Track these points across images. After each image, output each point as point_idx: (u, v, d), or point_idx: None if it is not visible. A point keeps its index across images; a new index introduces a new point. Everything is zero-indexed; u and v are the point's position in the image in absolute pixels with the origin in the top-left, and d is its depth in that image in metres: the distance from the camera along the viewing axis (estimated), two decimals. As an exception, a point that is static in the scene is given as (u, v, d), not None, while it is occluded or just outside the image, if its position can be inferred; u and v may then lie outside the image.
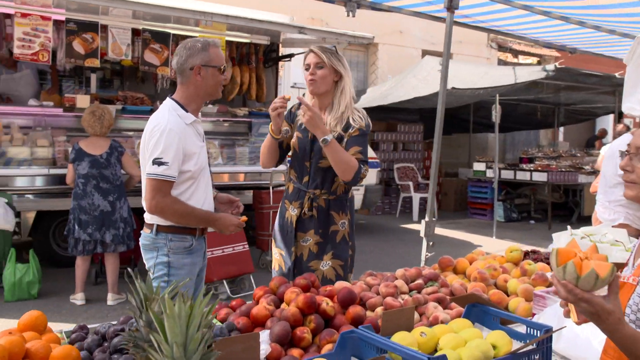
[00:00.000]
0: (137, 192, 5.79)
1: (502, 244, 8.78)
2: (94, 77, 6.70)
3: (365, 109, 3.06)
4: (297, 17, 7.94)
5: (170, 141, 2.48)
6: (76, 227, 5.25)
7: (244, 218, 2.72)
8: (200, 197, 2.63)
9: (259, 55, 7.29)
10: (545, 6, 4.89)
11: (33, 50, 5.59)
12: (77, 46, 5.86)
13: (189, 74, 2.59)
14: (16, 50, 5.53)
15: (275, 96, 7.29)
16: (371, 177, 9.36)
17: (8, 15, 5.71)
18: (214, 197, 2.80)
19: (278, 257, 3.02)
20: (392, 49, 13.92)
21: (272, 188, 6.60)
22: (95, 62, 5.96)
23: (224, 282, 5.51)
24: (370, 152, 9.35)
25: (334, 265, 2.90)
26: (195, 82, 2.59)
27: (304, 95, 2.99)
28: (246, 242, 5.72)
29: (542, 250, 3.04)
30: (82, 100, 6.04)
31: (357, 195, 9.19)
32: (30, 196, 5.92)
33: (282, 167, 6.87)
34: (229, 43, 6.93)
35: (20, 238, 6.32)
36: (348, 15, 4.46)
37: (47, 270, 6.07)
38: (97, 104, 5.53)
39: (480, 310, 1.91)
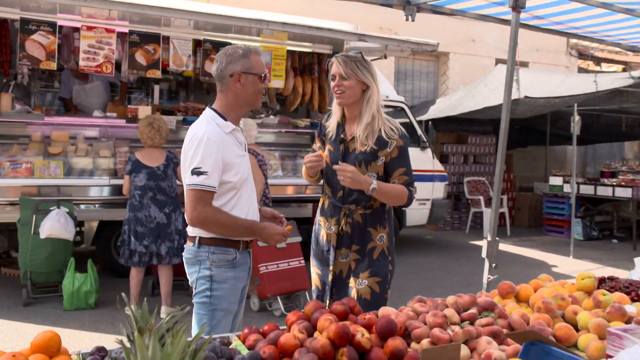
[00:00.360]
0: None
1: (580, 265, 8.20)
2: (157, 89, 6.80)
3: (433, 120, 2.88)
4: (365, 27, 7.79)
5: (208, 150, 2.41)
6: (132, 238, 5.26)
7: (289, 227, 2.64)
8: (243, 208, 2.55)
9: (321, 65, 7.16)
10: (627, 3, 4.45)
11: (97, 62, 5.72)
12: (140, 57, 5.94)
13: (228, 81, 2.53)
14: (81, 62, 5.68)
15: (337, 106, 7.13)
16: (439, 190, 9.03)
17: (76, 29, 5.88)
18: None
19: (315, 276, 2.91)
20: (464, 58, 13.52)
21: None
22: (157, 74, 6.02)
23: (278, 298, 5.37)
24: (438, 165, 9.02)
25: (371, 283, 2.76)
26: (234, 89, 2.53)
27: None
28: (302, 257, 5.56)
29: (621, 277, 2.69)
30: (144, 112, 6.11)
31: (424, 209, 8.88)
32: (92, 206, 6.03)
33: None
34: (290, 53, 6.86)
35: (85, 247, 6.45)
36: (407, 20, 4.25)
37: (108, 280, 6.16)
38: (152, 115, 5.55)
39: (540, 350, 1.65)
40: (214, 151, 2.41)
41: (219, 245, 2.51)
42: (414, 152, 8.42)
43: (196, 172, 2.41)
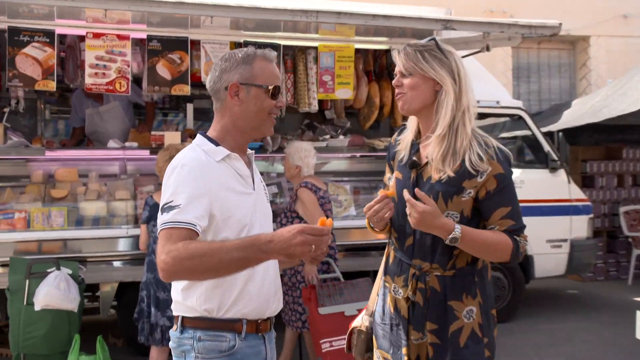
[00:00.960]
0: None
1: None
2: (190, 108, 6.52)
3: (568, 130, 2.35)
4: (469, 12, 7.25)
5: (181, 178, 2.25)
6: (152, 308, 4.97)
7: (330, 221, 2.19)
8: (248, 270, 2.29)
9: (405, 66, 6.61)
10: None
11: (108, 78, 5.52)
12: (162, 70, 5.67)
13: (223, 95, 2.38)
14: (88, 80, 5.50)
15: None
16: (580, 227, 8.15)
17: (83, 38, 5.70)
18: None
19: None
20: (612, 42, 12.65)
21: None
22: (185, 89, 5.72)
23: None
24: (577, 191, 8.15)
25: None
26: (231, 107, 2.37)
27: None
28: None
29: None
30: (171, 138, 5.82)
31: (560, 254, 8.02)
32: (108, 264, 5.80)
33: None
34: (361, 53, 6.47)
35: (102, 317, 6.24)
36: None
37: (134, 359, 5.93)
38: (174, 144, 5.24)
39: None
40: (191, 179, 2.25)
41: (207, 328, 2.31)
42: (540, 176, 7.72)
43: (166, 208, 2.23)
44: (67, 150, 5.89)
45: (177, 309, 2.38)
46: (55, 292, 5.09)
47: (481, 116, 7.88)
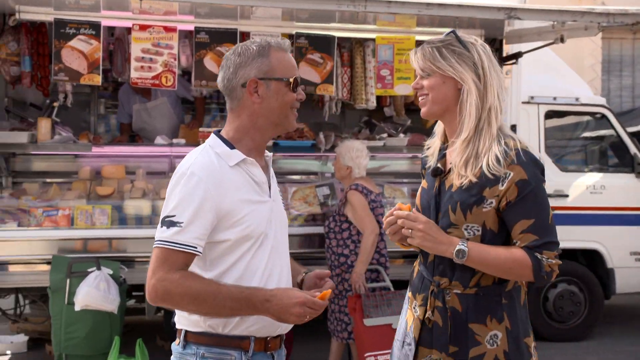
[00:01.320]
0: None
1: None
2: (242, 103, 6.28)
3: None
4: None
5: (189, 191, 2.12)
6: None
7: (325, 292, 2.15)
8: (257, 279, 2.19)
9: (472, 59, 6.17)
10: None
11: (154, 72, 5.40)
12: (210, 63, 5.50)
13: (240, 94, 2.23)
14: (133, 74, 5.39)
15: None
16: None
17: (131, 31, 5.57)
18: (299, 281, 2.39)
19: None
20: None
21: None
22: (234, 83, 5.50)
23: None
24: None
25: None
26: (250, 105, 2.22)
27: None
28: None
29: None
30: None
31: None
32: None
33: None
34: (418, 44, 6.00)
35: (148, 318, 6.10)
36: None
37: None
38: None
39: None
40: (199, 193, 2.11)
41: (211, 344, 2.18)
42: (625, 181, 7.14)
43: (166, 222, 2.12)
44: (113, 147, 5.79)
45: (179, 322, 2.25)
46: (94, 293, 5.00)
47: (558, 114, 7.33)
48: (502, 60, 6.14)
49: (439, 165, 2.39)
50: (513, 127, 6.14)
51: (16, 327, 6.52)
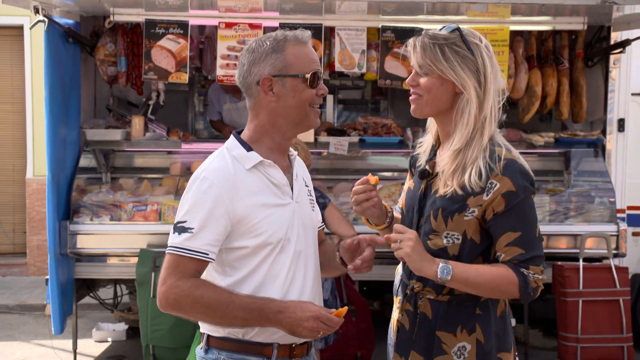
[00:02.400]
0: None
1: None
2: (330, 99, 6.19)
3: None
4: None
5: (200, 196, 2.07)
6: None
7: (341, 310, 2.08)
8: (277, 291, 2.11)
9: (575, 49, 5.74)
10: None
11: (240, 69, 5.34)
12: (294, 59, 5.40)
13: (255, 91, 2.15)
14: (219, 72, 5.42)
15: (604, 111, 5.65)
16: None
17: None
18: (337, 260, 2.27)
19: None
20: None
21: (584, 261, 5.19)
22: (319, 80, 5.42)
23: None
24: None
25: None
26: (266, 104, 2.14)
27: None
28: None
29: None
30: (303, 135, 5.52)
31: None
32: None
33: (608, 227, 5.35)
34: (522, 35, 5.78)
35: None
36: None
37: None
38: (295, 139, 4.95)
39: None
40: (210, 198, 2.05)
41: (233, 350, 2.13)
42: None
43: (178, 227, 2.07)
44: (202, 143, 5.84)
45: (202, 326, 2.22)
46: (176, 287, 5.06)
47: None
48: (609, 49, 5.69)
49: (427, 167, 2.28)
50: (621, 121, 5.67)
51: (119, 316, 6.80)
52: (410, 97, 2.25)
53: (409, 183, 2.42)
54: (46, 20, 4.96)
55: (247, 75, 2.15)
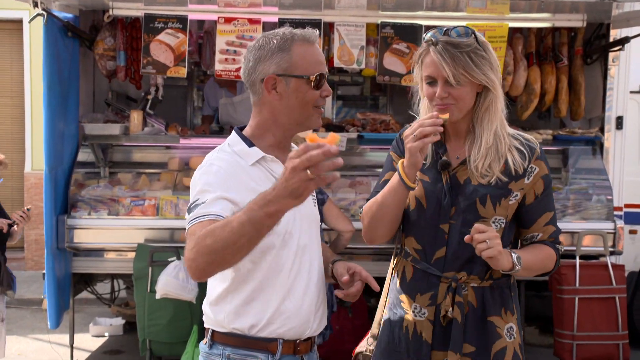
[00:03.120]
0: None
1: None
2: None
3: None
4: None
5: (209, 177, 2.06)
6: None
7: (334, 136, 1.74)
8: (282, 284, 2.11)
9: (574, 47, 5.74)
10: None
11: (238, 64, 5.37)
12: (294, 55, 5.39)
13: (259, 89, 2.14)
14: (218, 66, 5.41)
15: (602, 109, 5.64)
16: None
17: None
18: (330, 274, 2.27)
19: None
20: None
21: (580, 259, 5.20)
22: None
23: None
24: None
25: None
26: (269, 101, 2.14)
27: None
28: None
29: None
30: (302, 129, 5.53)
31: None
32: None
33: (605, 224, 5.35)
34: (521, 32, 5.76)
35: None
36: None
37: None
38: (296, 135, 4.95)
39: None
40: (220, 179, 2.04)
41: (238, 346, 2.11)
42: None
43: (192, 207, 2.02)
44: (200, 138, 5.81)
45: (206, 321, 2.23)
46: (173, 282, 5.05)
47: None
48: (609, 46, 5.68)
49: (445, 158, 2.29)
50: (619, 119, 5.66)
51: (116, 310, 6.80)
52: (439, 107, 2.21)
53: (419, 174, 2.31)
54: (45, 14, 4.95)
55: (252, 72, 2.14)
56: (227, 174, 2.06)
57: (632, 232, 6.22)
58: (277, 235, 2.08)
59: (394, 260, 2.47)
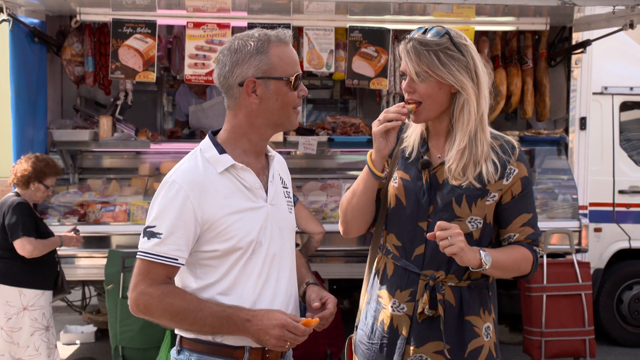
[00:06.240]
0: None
1: None
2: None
3: None
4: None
5: (168, 200, 2.04)
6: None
7: (311, 320, 2.06)
8: (249, 293, 2.09)
9: (539, 49, 5.82)
10: None
11: (207, 68, 5.36)
12: (262, 59, 5.37)
13: (237, 92, 2.09)
14: (187, 71, 5.38)
15: (567, 110, 5.72)
16: None
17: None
18: (301, 294, 2.29)
19: None
20: None
21: (547, 257, 5.27)
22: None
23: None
24: None
25: None
26: (247, 105, 2.09)
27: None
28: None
29: None
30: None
31: None
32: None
33: (571, 223, 5.43)
34: (487, 35, 5.85)
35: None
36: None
37: None
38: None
39: None
40: (179, 203, 2.02)
41: (203, 352, 2.10)
42: None
43: (147, 232, 2.06)
44: (171, 143, 5.77)
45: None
46: (145, 288, 5.00)
47: (637, 105, 6.69)
48: (571, 49, 5.77)
49: (426, 157, 2.30)
50: (583, 120, 5.74)
51: (87, 317, 6.69)
52: (408, 101, 2.25)
53: (397, 174, 2.36)
54: (11, 19, 4.87)
55: (228, 76, 2.08)
56: (187, 193, 2.02)
57: (597, 230, 6.31)
58: (245, 245, 2.07)
59: (377, 258, 2.47)
